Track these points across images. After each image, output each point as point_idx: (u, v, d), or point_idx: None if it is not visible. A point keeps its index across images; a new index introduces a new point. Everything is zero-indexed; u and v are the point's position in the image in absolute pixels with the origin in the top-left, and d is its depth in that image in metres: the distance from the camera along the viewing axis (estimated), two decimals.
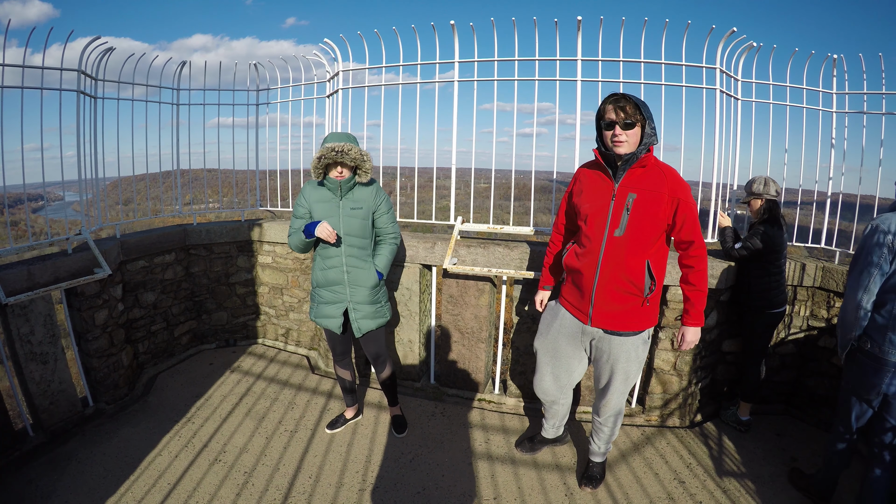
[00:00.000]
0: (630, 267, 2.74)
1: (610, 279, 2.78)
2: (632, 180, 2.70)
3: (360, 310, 3.54)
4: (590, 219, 2.81)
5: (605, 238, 2.75)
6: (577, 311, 3.01)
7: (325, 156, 3.20)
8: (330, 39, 4.72)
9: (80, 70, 4.01)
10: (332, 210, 3.38)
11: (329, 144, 3.19)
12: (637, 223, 2.68)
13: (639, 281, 2.75)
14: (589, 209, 2.82)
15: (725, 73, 4.02)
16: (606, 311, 2.87)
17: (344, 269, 3.45)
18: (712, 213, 4.14)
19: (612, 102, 2.63)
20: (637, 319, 2.87)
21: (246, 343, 5.67)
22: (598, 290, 2.83)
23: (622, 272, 2.75)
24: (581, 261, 2.88)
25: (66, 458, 3.52)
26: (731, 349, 4.42)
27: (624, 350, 2.95)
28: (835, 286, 4.10)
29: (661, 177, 2.69)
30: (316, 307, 3.59)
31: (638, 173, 2.70)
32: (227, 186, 5.70)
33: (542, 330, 3.31)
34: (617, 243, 2.73)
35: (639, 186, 2.69)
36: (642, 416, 4.21)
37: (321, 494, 3.26)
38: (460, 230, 4.40)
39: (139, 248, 4.62)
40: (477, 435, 3.98)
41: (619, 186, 2.72)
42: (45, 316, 3.67)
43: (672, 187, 2.67)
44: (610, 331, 2.92)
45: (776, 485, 3.45)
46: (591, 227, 2.80)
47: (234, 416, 4.14)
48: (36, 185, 3.89)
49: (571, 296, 3.06)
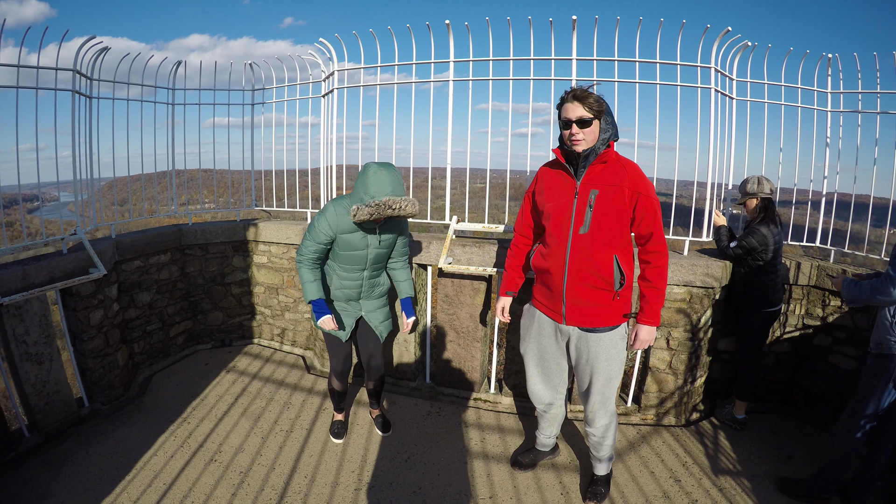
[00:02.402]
0: (598, 263, 2.72)
1: (578, 276, 2.76)
2: (593, 177, 2.70)
3: (377, 315, 3.59)
4: (553, 218, 2.80)
5: (570, 236, 2.74)
6: (551, 311, 2.99)
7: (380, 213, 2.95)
8: (327, 39, 4.72)
9: (75, 70, 4.00)
10: (361, 244, 3.25)
11: (385, 200, 2.93)
12: (601, 219, 2.67)
13: (608, 276, 2.73)
14: (552, 208, 2.81)
15: (720, 73, 4.02)
16: (579, 308, 2.84)
17: (362, 289, 3.48)
18: (707, 212, 4.14)
19: (568, 100, 2.61)
20: (610, 314, 2.85)
21: (242, 343, 5.66)
22: (567, 288, 2.81)
23: (590, 268, 2.73)
24: (548, 260, 2.86)
25: (62, 458, 3.52)
26: (727, 348, 4.43)
27: (602, 347, 2.90)
28: (830, 285, 4.11)
29: (622, 171, 2.69)
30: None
31: (599, 169, 2.70)
32: (223, 186, 5.70)
33: (523, 335, 3.28)
34: (582, 241, 2.71)
35: (600, 182, 2.68)
36: (638, 414, 4.21)
37: (317, 494, 3.26)
38: (455, 229, 4.40)
39: (134, 248, 4.61)
40: (473, 434, 3.98)
41: (581, 184, 2.71)
42: (41, 316, 3.66)
43: (633, 181, 2.67)
44: (585, 328, 2.89)
45: (772, 483, 3.45)
46: (555, 225, 2.79)
47: (230, 417, 4.13)
48: (31, 185, 3.88)
49: (543, 296, 3.04)
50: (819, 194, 4.50)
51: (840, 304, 4.11)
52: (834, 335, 4.16)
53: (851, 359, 4.02)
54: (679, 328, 4.00)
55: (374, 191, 2.96)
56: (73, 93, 4.03)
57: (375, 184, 2.97)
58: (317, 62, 5.00)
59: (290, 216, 5.88)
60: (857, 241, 4.29)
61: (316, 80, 5.15)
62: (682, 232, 4.21)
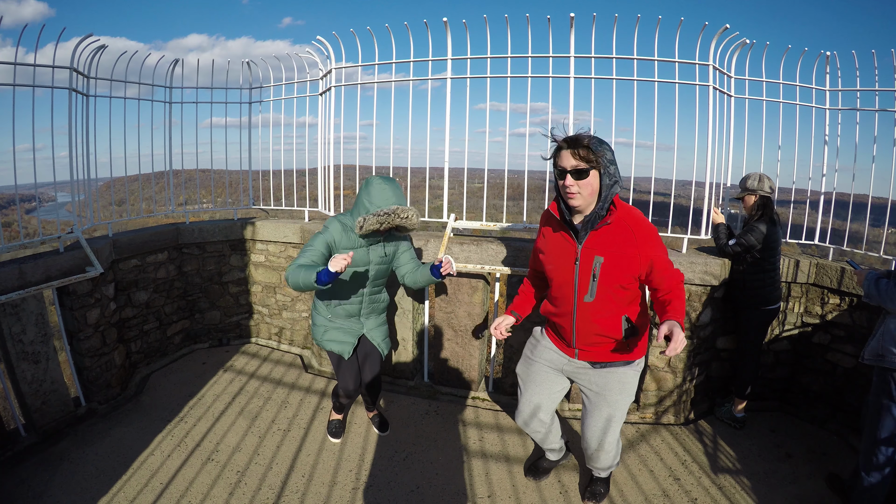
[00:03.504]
0: (606, 326, 2.57)
1: (588, 334, 2.64)
2: (596, 240, 2.46)
3: (378, 333, 3.56)
4: (556, 283, 2.65)
5: (574, 303, 2.59)
6: (561, 346, 2.85)
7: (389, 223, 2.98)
8: (325, 39, 4.71)
9: (72, 67, 3.99)
10: (363, 260, 3.22)
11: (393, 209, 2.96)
12: (607, 288, 2.48)
13: (616, 334, 2.58)
14: (554, 272, 2.65)
15: (718, 70, 4.02)
16: (592, 351, 2.70)
17: (363, 307, 3.43)
18: (706, 210, 4.14)
19: (565, 147, 2.35)
20: (625, 353, 2.69)
21: (239, 342, 5.65)
22: (578, 340, 2.69)
23: (599, 331, 2.59)
24: (556, 318, 2.76)
25: (59, 457, 3.50)
26: (726, 346, 4.42)
27: (618, 387, 2.74)
28: (829, 283, 4.11)
29: (629, 233, 2.43)
30: (325, 332, 3.41)
31: (602, 231, 2.45)
32: (221, 186, 5.69)
33: (526, 355, 3.10)
34: (588, 308, 2.56)
35: (605, 248, 2.44)
36: (637, 413, 4.20)
37: (314, 493, 3.25)
38: (453, 227, 4.39)
39: (131, 246, 4.60)
40: (471, 433, 3.97)
41: (583, 248, 2.48)
42: (37, 315, 3.65)
43: (643, 245, 2.42)
44: (598, 363, 2.74)
45: (771, 481, 3.44)
46: (559, 291, 2.65)
47: (227, 416, 4.12)
48: (28, 185, 3.87)
49: (553, 334, 2.91)
50: (817, 193, 4.50)
51: (839, 301, 4.11)
52: (833, 333, 4.16)
53: (850, 357, 4.01)
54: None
55: (380, 201, 2.99)
56: (70, 91, 4.01)
57: (380, 194, 3.00)
58: (314, 61, 4.99)
59: (288, 215, 5.87)
60: (855, 240, 4.28)
61: (314, 78, 5.14)
62: (680, 230, 4.21)
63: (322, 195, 5.10)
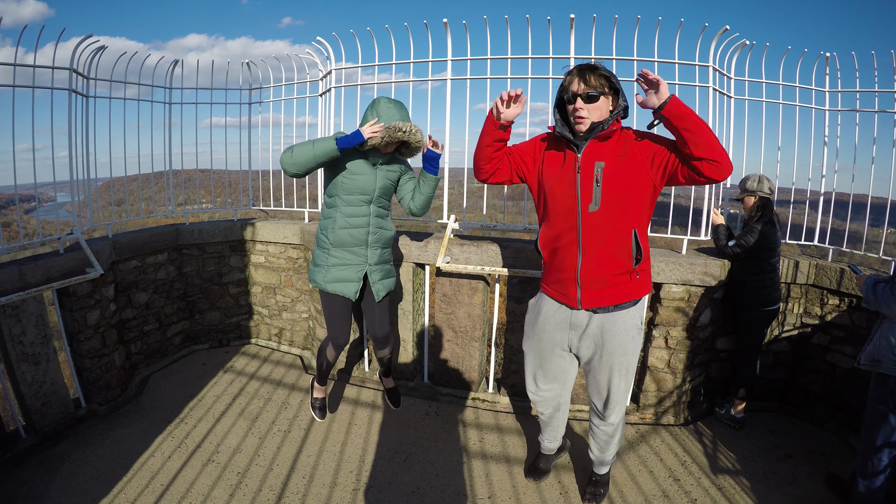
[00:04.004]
0: (614, 241, 2.47)
1: (594, 257, 2.51)
2: (596, 148, 2.44)
3: (378, 271, 3.42)
4: (557, 196, 2.54)
5: (579, 216, 2.47)
6: (563, 295, 2.69)
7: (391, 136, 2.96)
8: (325, 39, 4.71)
9: (71, 68, 3.99)
10: (368, 169, 3.18)
11: (396, 123, 2.96)
12: (613, 194, 2.41)
13: (626, 254, 2.49)
14: (554, 186, 2.55)
15: (718, 72, 4.02)
16: (595, 292, 2.57)
17: (370, 228, 3.29)
18: (705, 211, 4.14)
19: (575, 75, 2.37)
20: (629, 290, 2.59)
21: (239, 343, 5.65)
22: (583, 271, 2.54)
23: (606, 248, 2.48)
24: (558, 243, 2.61)
25: (59, 459, 3.50)
26: (725, 347, 4.43)
27: (619, 338, 2.65)
28: (828, 283, 4.11)
29: (630, 138, 2.44)
30: (326, 271, 3.29)
31: (603, 142, 2.45)
32: (220, 186, 5.69)
33: (527, 330, 3.02)
34: (594, 219, 2.45)
35: (606, 155, 2.43)
36: (637, 413, 4.21)
37: (315, 494, 3.25)
38: (453, 229, 4.39)
39: (131, 247, 4.59)
40: (471, 434, 3.98)
41: (583, 156, 2.45)
42: (37, 316, 3.65)
43: (644, 145, 2.42)
44: (601, 309, 2.62)
45: (770, 481, 3.45)
46: (561, 204, 2.53)
47: (228, 417, 4.12)
48: (27, 185, 3.86)
49: (554, 280, 2.73)
50: (817, 193, 4.51)
51: (838, 302, 4.12)
52: (832, 334, 4.17)
53: (850, 357, 4.02)
54: (678, 327, 4.00)
55: (386, 117, 3.00)
56: (69, 92, 4.01)
57: (386, 111, 3.01)
58: (314, 61, 4.99)
59: (288, 216, 5.87)
60: (854, 241, 4.29)
61: (313, 79, 5.14)
62: (680, 231, 4.21)
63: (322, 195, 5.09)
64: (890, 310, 2.68)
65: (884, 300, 2.71)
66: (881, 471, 2.82)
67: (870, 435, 2.85)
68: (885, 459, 2.81)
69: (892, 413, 2.73)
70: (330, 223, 3.27)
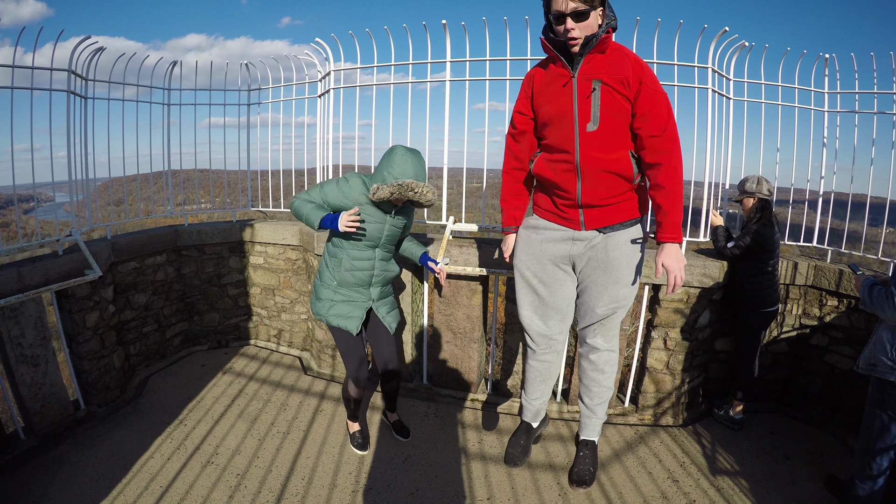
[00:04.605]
0: (613, 163, 2.39)
1: (593, 179, 2.42)
2: (592, 66, 2.33)
3: (384, 305, 3.43)
4: (554, 120, 2.44)
5: (576, 138, 2.38)
6: (563, 219, 2.60)
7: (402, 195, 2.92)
8: (324, 39, 4.71)
9: (70, 70, 3.98)
10: (380, 218, 3.15)
11: (408, 182, 2.89)
12: (610, 112, 2.33)
13: (627, 171, 2.41)
14: (550, 109, 2.44)
15: (717, 73, 4.02)
16: (598, 213, 2.50)
17: (374, 271, 3.29)
18: (704, 212, 4.14)
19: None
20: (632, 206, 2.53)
21: (238, 344, 5.64)
22: (583, 193, 2.46)
23: (606, 169, 2.40)
24: (556, 167, 2.50)
25: (58, 461, 3.50)
26: (724, 348, 4.43)
27: (623, 252, 2.54)
28: (827, 285, 4.12)
29: (624, 59, 2.34)
30: (331, 305, 3.28)
31: (597, 59, 2.33)
32: (219, 187, 5.68)
33: (520, 250, 2.81)
34: (593, 139, 2.36)
35: (602, 72, 2.32)
36: (636, 415, 4.21)
37: (314, 496, 3.25)
38: (452, 230, 4.39)
39: (130, 249, 4.59)
40: (470, 435, 3.98)
41: (579, 75, 2.34)
42: (36, 318, 3.65)
43: (635, 69, 2.33)
44: (606, 228, 2.53)
45: (769, 482, 3.46)
46: (558, 128, 2.43)
47: (227, 418, 4.12)
48: (26, 186, 3.86)
49: (552, 205, 2.64)
50: (816, 194, 4.51)
51: (837, 303, 4.12)
52: (831, 335, 4.17)
53: (848, 358, 4.03)
54: (676, 328, 4.00)
55: (399, 172, 2.93)
56: (68, 93, 4.01)
57: (401, 165, 2.93)
58: (313, 62, 4.98)
59: (287, 217, 5.87)
60: (853, 241, 4.30)
61: (312, 80, 5.14)
62: None
63: None
64: (885, 313, 2.68)
65: (879, 303, 2.70)
66: (879, 474, 2.83)
67: (867, 438, 2.86)
68: (883, 463, 2.81)
69: (890, 417, 2.74)
70: (335, 262, 3.25)
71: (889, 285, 2.67)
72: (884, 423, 2.76)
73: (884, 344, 2.71)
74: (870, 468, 2.85)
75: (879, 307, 2.70)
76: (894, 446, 2.77)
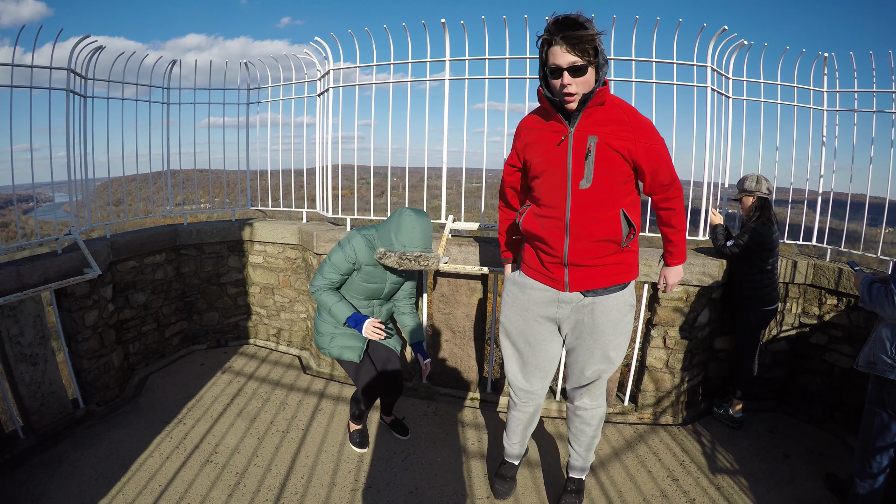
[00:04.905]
0: (604, 221, 2.35)
1: (582, 237, 2.38)
2: (589, 122, 2.29)
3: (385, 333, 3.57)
4: (547, 174, 2.40)
5: (569, 194, 2.34)
6: (549, 278, 2.57)
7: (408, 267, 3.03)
8: (323, 39, 4.70)
9: (69, 69, 3.98)
10: (381, 277, 3.31)
11: (416, 255, 2.99)
12: (604, 169, 2.29)
13: (616, 235, 2.37)
14: (543, 162, 2.40)
15: (716, 72, 4.03)
16: (583, 271, 2.46)
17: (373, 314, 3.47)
18: (704, 211, 4.14)
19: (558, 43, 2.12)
20: (618, 271, 2.50)
21: (237, 343, 5.64)
22: (570, 251, 2.42)
23: (596, 228, 2.36)
24: (544, 222, 2.46)
25: (57, 460, 3.50)
26: (724, 347, 4.43)
27: (610, 318, 2.54)
28: (826, 283, 4.12)
29: (622, 115, 2.31)
30: (332, 339, 3.40)
31: (595, 113, 2.29)
32: (218, 186, 5.68)
33: (506, 307, 2.82)
34: (584, 197, 2.32)
35: (599, 128, 2.28)
36: (635, 413, 4.21)
37: (313, 495, 3.25)
38: (452, 229, 4.39)
39: (129, 248, 4.59)
40: (470, 434, 3.98)
41: (576, 130, 2.30)
42: (35, 317, 3.64)
43: (633, 126, 2.30)
44: (591, 291, 2.51)
45: (769, 481, 3.46)
46: (550, 182, 2.39)
47: (226, 417, 4.12)
48: (26, 185, 3.86)
49: (538, 263, 2.61)
50: (815, 193, 4.52)
51: (836, 302, 4.12)
52: (830, 333, 4.17)
53: (848, 357, 4.03)
54: (676, 327, 4.00)
55: (407, 240, 2.99)
56: (67, 92, 4.01)
57: (409, 233, 2.99)
58: (312, 61, 4.98)
59: (286, 216, 5.87)
60: (853, 240, 4.30)
61: (311, 79, 5.14)
62: None
63: (320, 195, 5.10)
64: (884, 311, 2.67)
65: (878, 301, 2.70)
66: (879, 472, 2.82)
67: (867, 437, 2.85)
68: (882, 461, 2.80)
69: (890, 415, 2.73)
70: None
71: (888, 283, 2.67)
72: (883, 422, 2.76)
73: (883, 342, 2.70)
74: (869, 466, 2.84)
75: (879, 305, 2.69)
76: (894, 444, 2.77)
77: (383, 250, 3.00)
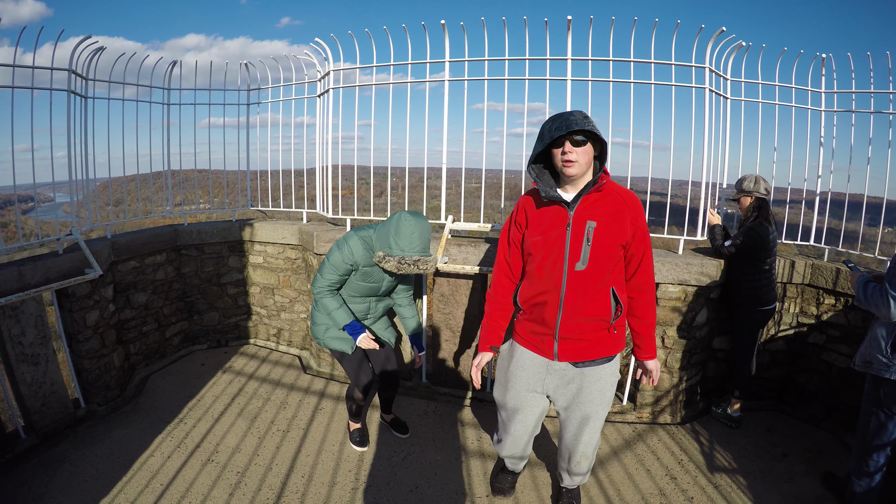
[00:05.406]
0: (597, 300, 2.46)
1: (575, 314, 2.50)
2: (588, 206, 2.42)
3: (380, 323, 3.65)
4: (544, 254, 2.49)
5: (564, 274, 2.45)
6: (539, 349, 2.69)
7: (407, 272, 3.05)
8: (323, 39, 4.72)
9: (70, 70, 3.99)
10: (379, 276, 3.35)
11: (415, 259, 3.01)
12: (600, 254, 2.40)
13: (605, 313, 2.49)
14: (540, 243, 2.50)
15: (714, 73, 4.04)
16: (572, 344, 2.58)
17: (370, 311, 3.53)
18: (702, 211, 4.16)
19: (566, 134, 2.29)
20: (606, 345, 2.61)
21: (238, 343, 5.66)
22: (562, 326, 2.54)
23: (588, 306, 2.47)
24: (539, 298, 2.57)
25: (59, 459, 3.51)
26: (722, 346, 4.45)
27: (598, 388, 2.66)
28: (824, 283, 4.14)
29: (621, 202, 2.43)
30: (326, 329, 3.44)
31: (594, 199, 2.42)
32: (219, 187, 5.69)
33: (500, 379, 2.95)
34: (579, 278, 2.43)
35: (597, 213, 2.40)
36: (634, 413, 4.23)
37: (314, 493, 3.27)
38: (451, 229, 4.41)
39: (130, 248, 4.60)
40: (469, 433, 3.99)
41: (575, 214, 2.42)
42: (37, 317, 3.65)
43: (633, 215, 2.44)
44: (580, 363, 2.63)
45: (767, 480, 3.48)
46: (546, 262, 2.49)
47: (227, 417, 4.13)
48: (26, 186, 3.87)
49: (530, 332, 2.72)
50: (813, 193, 4.53)
51: (834, 302, 4.14)
52: (828, 333, 4.19)
53: (845, 356, 4.05)
54: (674, 327, 4.02)
55: (406, 245, 3.01)
56: (68, 93, 4.02)
57: (408, 238, 3.01)
58: (312, 62, 5.00)
59: (286, 216, 5.89)
60: (851, 240, 4.32)
61: (311, 80, 5.15)
62: (676, 231, 4.23)
63: (320, 196, 5.11)
64: (879, 310, 2.69)
65: (873, 300, 2.71)
66: (876, 470, 2.84)
67: (864, 435, 2.87)
68: (879, 460, 2.82)
69: (886, 414, 2.75)
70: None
71: (884, 282, 2.69)
72: (880, 421, 2.78)
73: (878, 341, 2.72)
74: (866, 465, 2.86)
75: (874, 304, 2.71)
76: (891, 443, 2.79)
77: (382, 254, 3.02)
